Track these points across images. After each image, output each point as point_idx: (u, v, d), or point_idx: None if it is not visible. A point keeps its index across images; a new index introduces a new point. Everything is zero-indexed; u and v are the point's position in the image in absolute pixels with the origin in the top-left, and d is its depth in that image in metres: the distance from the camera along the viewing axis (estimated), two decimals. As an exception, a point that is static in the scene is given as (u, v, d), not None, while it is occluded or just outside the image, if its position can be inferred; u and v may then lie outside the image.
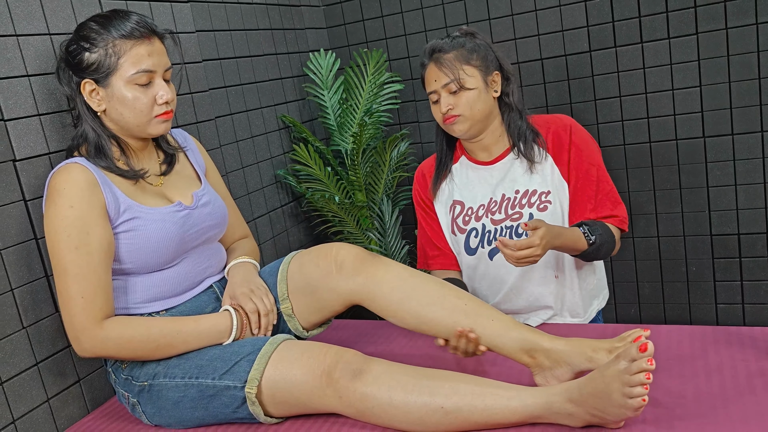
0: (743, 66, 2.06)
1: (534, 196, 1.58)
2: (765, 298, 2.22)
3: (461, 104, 1.54)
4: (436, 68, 1.55)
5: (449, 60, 1.54)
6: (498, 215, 1.60)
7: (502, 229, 1.58)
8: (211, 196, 1.47)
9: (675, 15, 2.10)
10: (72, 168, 1.26)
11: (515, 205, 1.59)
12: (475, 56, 1.55)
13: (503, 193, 1.60)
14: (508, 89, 1.60)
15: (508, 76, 1.60)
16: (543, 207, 1.57)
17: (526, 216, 1.57)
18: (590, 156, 1.58)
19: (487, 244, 1.60)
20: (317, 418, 1.26)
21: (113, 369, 1.36)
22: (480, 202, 1.62)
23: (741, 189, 2.16)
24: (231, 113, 2.01)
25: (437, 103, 1.58)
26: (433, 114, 1.62)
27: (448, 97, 1.55)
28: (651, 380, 0.96)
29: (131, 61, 1.26)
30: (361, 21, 2.53)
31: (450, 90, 1.54)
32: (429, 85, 1.59)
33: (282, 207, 2.25)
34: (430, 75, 1.58)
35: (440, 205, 1.69)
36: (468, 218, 1.63)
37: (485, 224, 1.60)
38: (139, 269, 1.33)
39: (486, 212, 1.61)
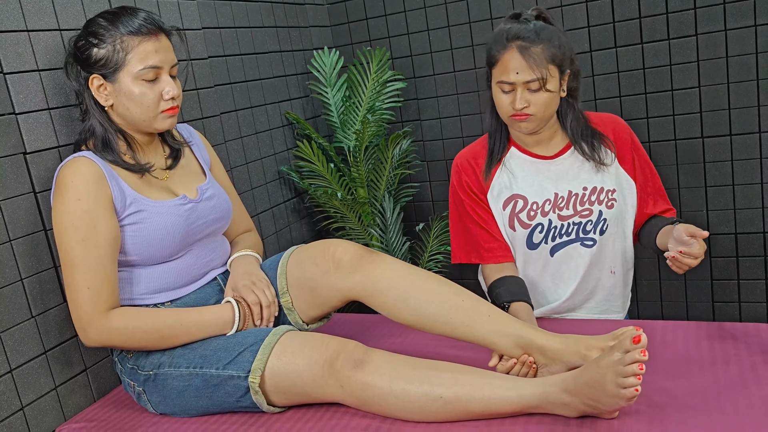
0: (741, 67, 2.08)
1: (602, 194, 1.57)
2: (761, 296, 2.25)
3: (538, 104, 1.48)
4: (521, 59, 1.45)
5: (538, 55, 1.45)
6: (566, 211, 1.57)
7: (570, 224, 1.57)
8: (216, 190, 1.50)
9: (675, 16, 2.12)
10: (79, 161, 1.29)
11: (584, 201, 1.56)
12: (558, 54, 1.47)
13: (570, 190, 1.57)
14: (574, 87, 1.55)
15: (577, 74, 1.55)
16: (610, 204, 1.57)
17: (596, 213, 1.56)
18: (645, 155, 1.64)
19: (551, 240, 1.58)
20: (319, 407, 1.29)
21: (119, 358, 1.40)
22: (545, 197, 1.58)
23: (738, 189, 2.18)
24: (236, 109, 2.04)
25: (508, 93, 1.49)
26: (497, 102, 1.53)
27: (526, 93, 1.47)
28: (644, 371, 0.99)
29: (138, 57, 1.29)
30: (365, 19, 2.55)
31: (530, 87, 1.46)
32: (505, 74, 1.47)
33: (285, 202, 2.28)
34: (511, 63, 1.46)
35: (493, 198, 1.62)
36: (534, 213, 1.58)
37: (552, 220, 1.57)
38: (144, 261, 1.35)
39: (553, 207, 1.57)
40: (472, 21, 2.39)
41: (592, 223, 1.56)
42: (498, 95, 1.52)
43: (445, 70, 2.47)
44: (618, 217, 1.58)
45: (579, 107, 1.58)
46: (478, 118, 2.45)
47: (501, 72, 1.49)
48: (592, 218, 1.56)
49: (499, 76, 1.50)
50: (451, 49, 2.45)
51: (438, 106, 2.51)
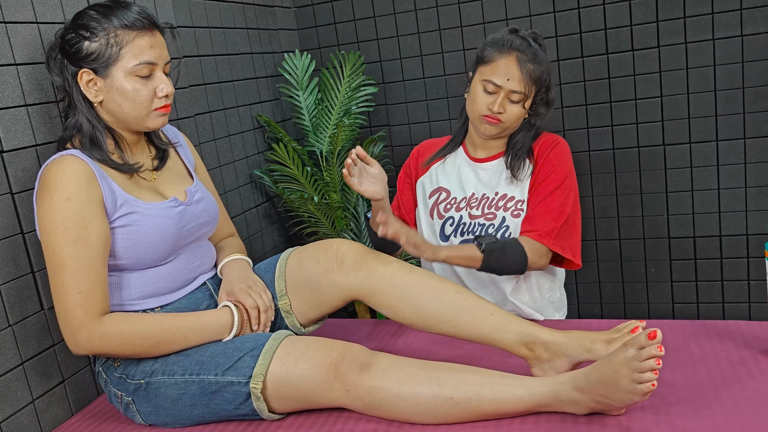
0: (700, 79, 2.19)
1: (511, 202, 1.61)
2: (718, 297, 2.35)
3: (510, 115, 1.55)
4: (517, 69, 1.51)
5: (530, 72, 1.51)
6: (475, 211, 1.63)
7: (476, 224, 1.62)
8: (204, 192, 1.46)
9: (638, 29, 2.21)
10: (68, 160, 1.22)
11: (491, 205, 1.63)
12: (543, 78, 1.55)
13: (484, 192, 1.64)
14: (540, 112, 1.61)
15: (549, 101, 1.61)
16: (516, 214, 1.61)
17: (499, 218, 1.61)
18: (557, 173, 1.59)
19: (460, 234, 1.64)
20: (320, 413, 1.27)
21: (104, 368, 1.33)
22: (463, 195, 1.66)
23: (697, 194, 2.29)
24: (210, 111, 1.99)
25: (489, 94, 1.54)
26: (473, 98, 1.57)
27: (505, 101, 1.53)
28: (661, 365, 1.02)
29: (133, 52, 1.24)
30: (333, 24, 2.54)
31: (511, 98, 1.53)
32: (497, 76, 1.52)
33: (257, 207, 2.23)
34: (505, 68, 1.52)
35: (424, 185, 1.72)
36: (449, 207, 1.66)
37: (462, 216, 1.64)
38: (134, 265, 1.30)
39: (467, 205, 1.64)
40: (442, 28, 2.42)
41: (494, 227, 1.61)
42: (478, 92, 1.56)
43: (415, 76, 2.49)
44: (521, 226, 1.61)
45: (537, 127, 1.63)
46: (447, 124, 2.48)
47: (492, 72, 1.53)
48: (495, 222, 1.61)
49: (488, 75, 1.54)
50: (421, 56, 2.47)
51: (407, 112, 2.53)
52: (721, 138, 2.22)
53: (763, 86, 2.13)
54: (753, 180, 2.21)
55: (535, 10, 2.30)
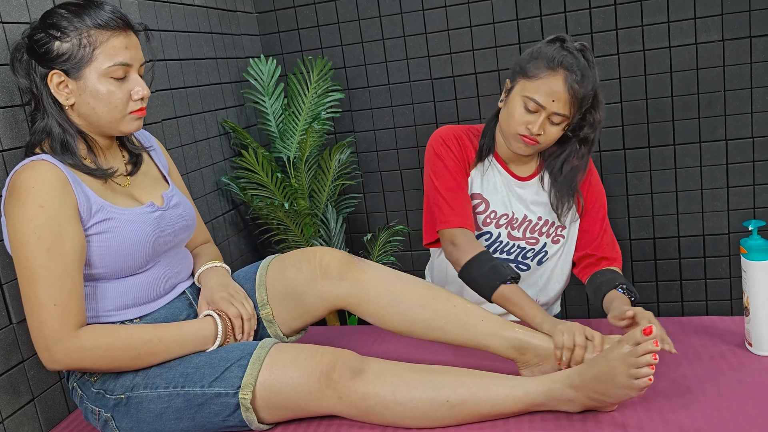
0: (658, 85, 2.26)
1: (552, 228, 1.59)
2: (677, 296, 2.43)
3: (549, 137, 1.47)
4: (564, 91, 1.40)
5: (576, 94, 1.41)
6: (516, 232, 1.59)
7: (515, 246, 1.59)
8: (180, 197, 1.41)
9: (598, 36, 2.27)
10: (40, 165, 1.16)
11: (535, 230, 1.59)
12: (587, 100, 1.45)
13: (525, 214, 1.59)
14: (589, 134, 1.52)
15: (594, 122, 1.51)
16: (556, 240, 1.60)
17: (541, 243, 1.58)
18: (601, 198, 1.62)
19: (492, 252, 1.59)
20: (311, 421, 1.24)
21: (79, 384, 1.26)
22: (504, 212, 1.59)
23: (656, 197, 2.36)
24: (176, 116, 1.94)
25: (530, 112, 1.44)
26: (511, 113, 1.47)
27: (546, 122, 1.44)
28: (657, 360, 1.04)
29: (108, 53, 1.19)
30: (296, 30, 2.52)
31: (553, 120, 1.44)
32: (541, 95, 1.41)
33: (223, 215, 2.18)
34: (552, 88, 1.40)
35: (470, 186, 1.60)
36: (490, 220, 1.60)
37: (501, 234, 1.59)
38: (110, 274, 1.24)
39: (507, 224, 1.59)
40: (406, 35, 2.42)
41: (534, 251, 1.59)
42: (518, 108, 1.45)
43: (380, 82, 2.49)
44: (561, 252, 1.62)
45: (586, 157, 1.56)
46: (413, 130, 2.49)
47: (537, 90, 1.42)
48: (536, 248, 1.59)
49: (532, 93, 1.43)
50: (386, 62, 2.47)
51: (372, 118, 2.52)
52: (678, 142, 2.30)
53: (716, 92, 2.22)
54: (708, 182, 2.30)
55: (498, 17, 2.33)
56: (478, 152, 1.60)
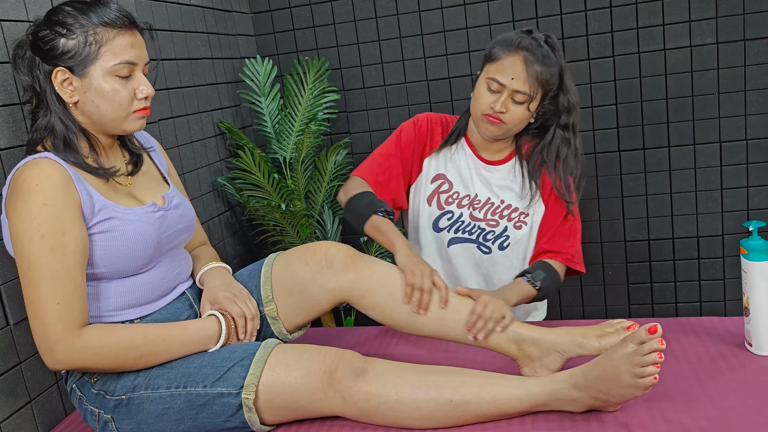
0: (653, 87, 2.28)
1: (515, 213, 1.63)
2: (671, 298, 2.45)
3: (514, 116, 1.51)
4: (522, 69, 1.47)
5: (536, 74, 1.47)
6: (477, 213, 1.63)
7: (476, 226, 1.63)
8: (180, 198, 1.40)
9: (594, 38, 2.29)
10: (43, 163, 1.15)
11: (496, 212, 1.63)
12: (551, 82, 1.51)
13: (489, 197, 1.64)
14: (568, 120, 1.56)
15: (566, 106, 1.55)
16: (518, 226, 1.62)
17: (501, 227, 1.63)
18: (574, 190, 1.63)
19: (455, 232, 1.64)
20: (312, 422, 1.24)
21: (78, 385, 1.25)
22: (467, 193, 1.64)
23: (651, 199, 2.37)
24: (173, 116, 1.93)
25: (493, 93, 1.50)
26: (477, 96, 1.54)
27: (508, 101, 1.50)
28: (663, 359, 1.04)
29: (113, 51, 1.18)
30: (292, 30, 2.51)
31: (515, 98, 1.50)
32: (501, 75, 1.48)
33: (219, 216, 2.17)
34: (511, 67, 1.48)
35: (430, 166, 1.67)
36: (451, 200, 1.65)
37: (463, 213, 1.64)
38: (112, 274, 1.23)
39: (470, 204, 1.64)
40: (402, 36, 2.43)
41: (494, 234, 1.63)
42: (482, 90, 1.53)
43: (376, 83, 2.49)
44: (522, 239, 1.64)
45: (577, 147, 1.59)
46: (409, 131, 2.48)
47: (497, 70, 1.50)
48: (496, 230, 1.63)
49: (493, 74, 1.50)
50: (382, 63, 2.47)
51: (368, 120, 2.52)
52: (673, 144, 2.31)
53: (710, 95, 2.24)
54: (702, 184, 2.32)
55: (494, 20, 2.34)
56: (446, 138, 1.67)
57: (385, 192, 1.63)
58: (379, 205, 1.52)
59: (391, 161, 1.65)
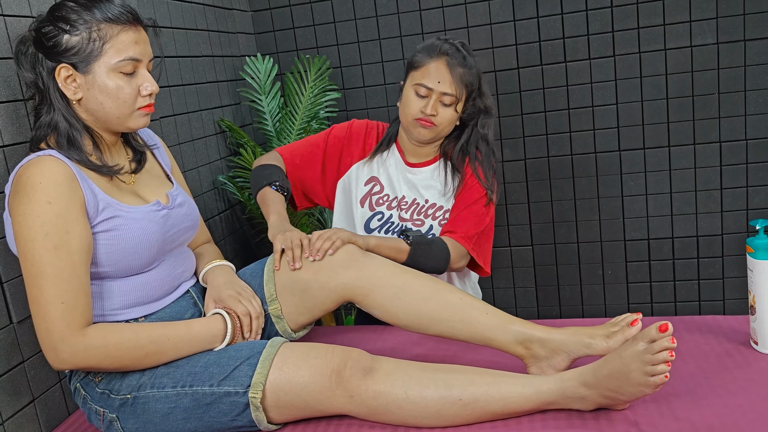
0: (654, 87, 2.28)
1: (439, 211, 1.68)
2: (670, 297, 2.45)
3: (443, 118, 1.58)
4: (447, 72, 1.55)
5: (460, 76, 1.56)
6: (404, 214, 1.68)
7: (403, 226, 1.68)
8: (184, 196, 1.39)
9: (595, 38, 2.29)
10: (47, 161, 1.14)
11: (421, 212, 1.68)
12: (472, 83, 1.59)
13: (414, 198, 1.68)
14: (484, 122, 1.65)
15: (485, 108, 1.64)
16: (443, 223, 1.67)
17: (427, 225, 1.67)
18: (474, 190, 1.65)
19: (385, 232, 1.68)
20: (319, 420, 1.23)
21: (83, 384, 1.24)
22: (395, 195, 1.69)
23: (651, 198, 2.38)
24: (174, 114, 1.91)
25: (422, 98, 1.57)
26: (406, 103, 1.60)
27: (438, 104, 1.57)
28: (674, 357, 1.04)
29: (117, 48, 1.17)
30: (292, 29, 2.51)
31: (443, 101, 1.57)
32: (428, 79, 1.56)
33: (219, 215, 2.16)
34: (436, 72, 1.56)
35: (358, 170, 1.71)
36: (382, 202, 1.69)
37: (393, 215, 1.69)
38: (116, 272, 1.22)
39: (398, 206, 1.68)
40: (403, 35, 2.42)
41: (420, 233, 1.66)
42: (411, 97, 1.59)
43: (376, 82, 2.48)
44: None
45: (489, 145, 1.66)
46: (409, 130, 2.48)
47: (423, 76, 1.57)
48: (422, 229, 1.68)
49: (419, 79, 1.57)
50: (382, 62, 2.46)
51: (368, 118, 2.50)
52: (673, 144, 2.32)
53: (710, 94, 2.25)
54: (702, 184, 2.32)
55: (495, 19, 2.34)
56: (378, 144, 1.72)
57: (295, 175, 1.71)
58: (277, 178, 1.60)
59: (315, 151, 1.72)
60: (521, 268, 2.54)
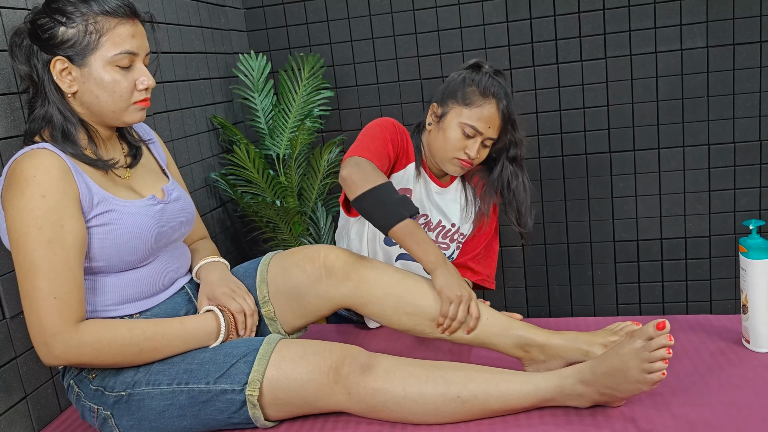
0: (644, 89, 2.30)
1: (458, 235, 1.68)
2: (658, 298, 2.47)
3: (480, 158, 1.57)
4: (498, 118, 1.53)
5: (507, 122, 1.54)
6: (431, 235, 1.65)
7: None
8: (180, 191, 1.38)
9: (587, 40, 2.30)
10: (41, 153, 1.12)
11: (447, 235, 1.67)
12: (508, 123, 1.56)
13: (440, 219, 1.66)
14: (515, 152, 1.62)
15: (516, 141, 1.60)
16: (459, 246, 1.68)
17: (451, 249, 1.67)
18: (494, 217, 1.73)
19: None
20: (316, 418, 1.22)
21: (76, 381, 1.22)
22: (423, 212, 1.64)
23: (640, 200, 2.40)
24: (167, 110, 1.90)
25: (469, 138, 1.53)
26: (448, 139, 1.54)
27: (482, 148, 1.56)
28: (671, 355, 1.05)
29: (114, 41, 1.16)
30: (284, 27, 2.49)
31: (485, 143, 1.55)
32: (480, 123, 1.52)
33: (211, 212, 2.14)
34: (489, 117, 1.52)
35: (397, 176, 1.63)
36: None
37: None
38: (110, 268, 1.21)
39: (425, 225, 1.65)
40: (396, 35, 2.42)
41: None
42: (456, 134, 1.54)
43: (369, 81, 2.48)
44: None
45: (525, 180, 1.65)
46: (401, 129, 2.48)
47: (475, 118, 1.52)
48: (446, 253, 1.67)
49: (470, 120, 1.52)
50: (375, 61, 2.46)
51: (361, 118, 2.51)
52: (663, 146, 2.34)
53: (700, 97, 2.27)
54: (691, 186, 2.35)
55: (488, 20, 2.35)
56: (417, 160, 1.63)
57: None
58: (413, 206, 1.37)
59: (388, 150, 1.53)
60: (511, 268, 2.55)
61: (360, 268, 1.32)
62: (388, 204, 1.34)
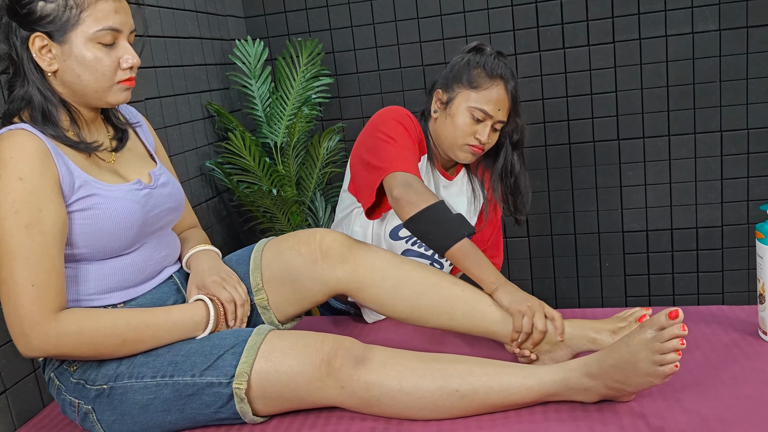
0: (654, 74, 2.23)
1: None
2: (668, 290, 2.40)
3: (491, 143, 1.54)
4: (507, 100, 1.50)
5: (514, 102, 1.52)
6: None
7: None
8: (168, 176, 1.32)
9: (594, 24, 2.23)
10: (19, 135, 1.07)
11: None
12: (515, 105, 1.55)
13: None
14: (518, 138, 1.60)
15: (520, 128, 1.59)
16: None
17: None
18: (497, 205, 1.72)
19: (411, 244, 1.56)
20: (308, 413, 1.17)
21: (57, 373, 1.17)
22: None
23: (650, 188, 2.33)
24: (160, 96, 1.84)
25: (479, 123, 1.49)
26: (457, 124, 1.50)
27: (492, 132, 1.52)
28: (685, 345, 0.98)
29: (96, 16, 1.10)
30: (283, 12, 2.43)
31: (496, 127, 1.52)
32: (489, 106, 1.48)
33: (207, 202, 2.09)
34: (498, 99, 1.49)
35: None
36: None
37: None
38: (93, 255, 1.15)
39: None
40: (398, 20, 2.36)
41: None
42: (465, 119, 1.50)
43: (369, 68, 2.42)
44: None
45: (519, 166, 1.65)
46: (403, 117, 2.41)
47: (484, 101, 1.48)
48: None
49: (479, 103, 1.48)
50: (376, 47, 2.40)
51: (361, 105, 2.45)
52: (673, 133, 2.26)
53: (712, 82, 2.20)
54: (702, 174, 2.27)
55: (492, 3, 2.28)
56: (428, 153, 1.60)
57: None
58: (470, 226, 1.33)
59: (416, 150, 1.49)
60: (517, 259, 2.48)
61: (357, 251, 1.27)
62: (445, 224, 1.30)
